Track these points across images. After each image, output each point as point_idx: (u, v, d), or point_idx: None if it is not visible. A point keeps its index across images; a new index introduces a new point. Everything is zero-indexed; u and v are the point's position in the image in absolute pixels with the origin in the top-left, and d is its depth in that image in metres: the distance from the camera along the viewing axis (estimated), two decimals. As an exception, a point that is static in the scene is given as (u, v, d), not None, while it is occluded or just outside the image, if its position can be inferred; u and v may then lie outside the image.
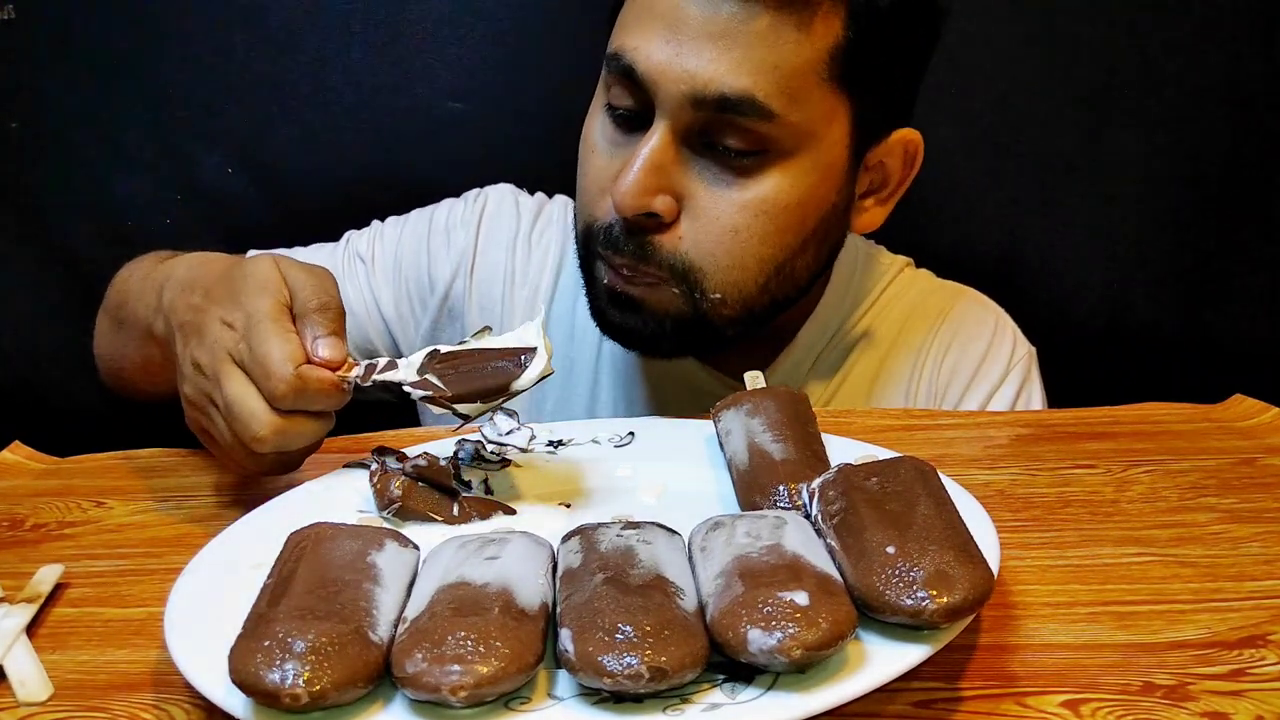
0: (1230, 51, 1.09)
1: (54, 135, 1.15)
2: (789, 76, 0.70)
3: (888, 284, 0.91)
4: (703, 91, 0.70)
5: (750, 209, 0.73)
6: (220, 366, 0.60)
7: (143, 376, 0.85)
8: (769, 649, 0.40)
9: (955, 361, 0.89)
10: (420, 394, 0.60)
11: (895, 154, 0.79)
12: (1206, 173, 1.12)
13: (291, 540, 0.49)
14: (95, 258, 1.16)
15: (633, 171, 0.72)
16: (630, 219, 0.73)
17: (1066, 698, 0.44)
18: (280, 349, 0.58)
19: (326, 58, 1.13)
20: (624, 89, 0.74)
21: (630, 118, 0.75)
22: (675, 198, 0.73)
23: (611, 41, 0.75)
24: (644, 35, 0.72)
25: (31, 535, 0.66)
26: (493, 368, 0.60)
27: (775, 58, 0.70)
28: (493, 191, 0.98)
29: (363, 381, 0.60)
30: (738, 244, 0.74)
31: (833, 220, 0.78)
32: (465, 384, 0.60)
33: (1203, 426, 0.73)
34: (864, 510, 0.47)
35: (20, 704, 0.48)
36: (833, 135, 0.74)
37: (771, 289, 0.77)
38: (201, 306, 0.63)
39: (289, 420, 0.59)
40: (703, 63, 0.70)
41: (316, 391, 0.59)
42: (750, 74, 0.70)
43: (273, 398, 0.58)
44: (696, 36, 0.70)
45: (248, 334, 0.59)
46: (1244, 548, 0.56)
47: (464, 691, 0.39)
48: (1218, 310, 1.14)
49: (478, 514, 0.61)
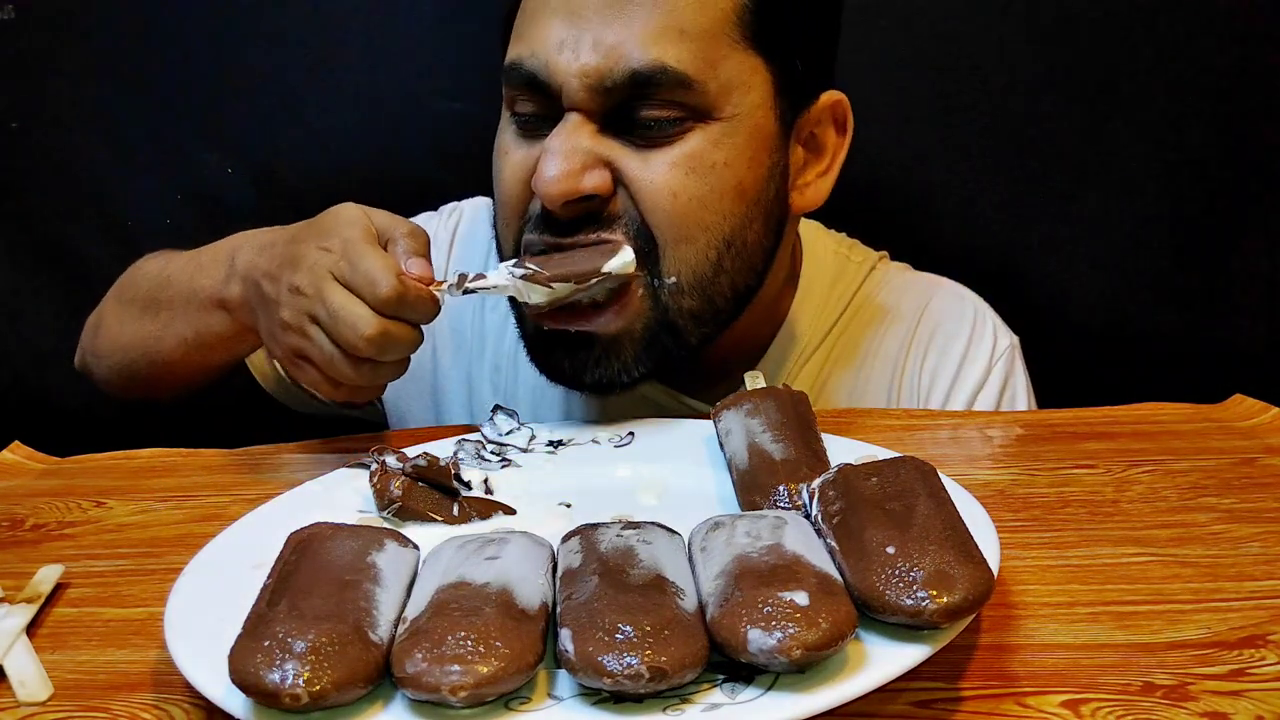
0: (1230, 51, 1.09)
1: (54, 135, 1.15)
2: (697, 39, 0.69)
3: (859, 286, 0.89)
4: (611, 73, 0.68)
5: (681, 166, 0.70)
6: (322, 283, 0.66)
7: (190, 354, 0.83)
8: (769, 649, 0.40)
9: (935, 364, 0.87)
10: (522, 272, 0.67)
11: (825, 120, 0.78)
12: (1206, 173, 1.11)
13: (291, 540, 0.49)
14: (95, 258, 1.16)
15: (550, 153, 0.68)
16: (562, 206, 0.69)
17: (1066, 698, 0.44)
18: (381, 261, 0.65)
19: (326, 57, 1.13)
20: (529, 98, 0.72)
21: (539, 120, 0.72)
22: (607, 170, 0.70)
23: (508, 53, 0.73)
24: (539, 36, 0.70)
25: (31, 535, 0.66)
26: (581, 255, 0.69)
27: (680, 23, 0.69)
28: (468, 205, 0.97)
29: (456, 290, 0.67)
30: (678, 208, 0.70)
31: (772, 193, 0.75)
32: (559, 267, 0.68)
33: (1203, 426, 0.73)
34: (864, 510, 0.47)
35: (20, 704, 0.48)
36: (754, 99, 0.72)
37: (727, 268, 0.73)
38: (290, 250, 0.69)
39: (391, 324, 0.65)
40: (608, 42, 0.68)
41: (416, 298, 0.65)
42: (657, 42, 0.68)
43: (378, 302, 0.64)
44: (597, 17, 0.68)
45: (346, 254, 0.66)
46: (1244, 548, 0.56)
47: (464, 691, 0.39)
48: (1217, 310, 1.14)
49: (478, 514, 0.62)
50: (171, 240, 1.14)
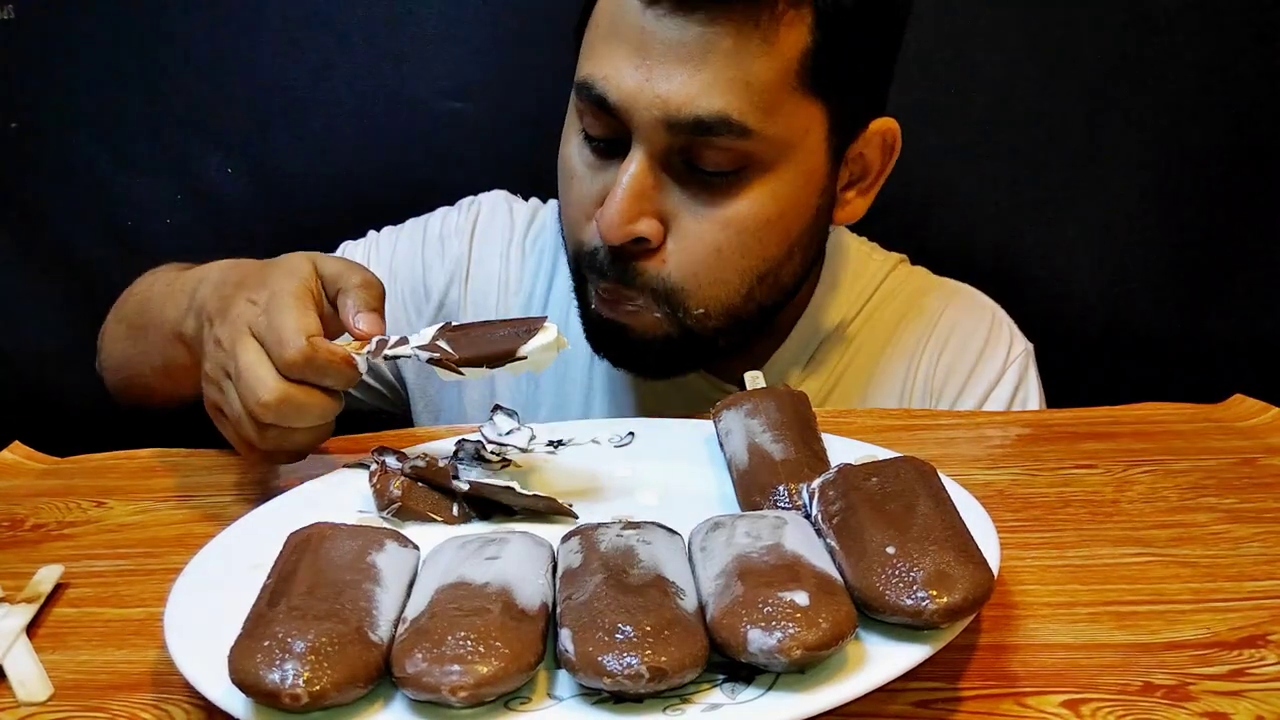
0: (1230, 51, 1.09)
1: (54, 135, 1.15)
2: (761, 91, 0.70)
3: (881, 281, 0.91)
4: (676, 115, 0.69)
5: (733, 226, 0.73)
6: (238, 337, 0.62)
7: (163, 382, 0.84)
8: (769, 649, 0.40)
9: (951, 360, 0.89)
10: (428, 355, 0.62)
11: (874, 145, 0.79)
12: (1206, 172, 1.11)
13: (291, 540, 0.49)
14: (95, 258, 1.16)
15: (616, 200, 0.72)
16: (617, 246, 0.73)
17: (1066, 698, 0.44)
18: (295, 319, 0.60)
19: (326, 57, 1.13)
20: (597, 118, 0.74)
21: (607, 145, 0.75)
22: (659, 220, 0.73)
23: (580, 68, 0.75)
24: (612, 62, 0.71)
25: (31, 535, 0.66)
26: (500, 335, 0.62)
27: (745, 74, 0.69)
28: (486, 199, 0.98)
29: (374, 356, 0.62)
30: (719, 262, 0.74)
31: (817, 226, 0.79)
32: (473, 349, 0.62)
33: (1203, 426, 0.73)
34: (864, 510, 0.47)
35: (20, 704, 0.48)
36: (810, 142, 0.74)
37: (757, 297, 0.77)
38: (231, 294, 0.65)
39: (296, 389, 0.60)
40: (673, 86, 0.69)
41: (326, 362, 0.60)
42: (722, 94, 0.69)
43: (282, 363, 0.59)
44: (665, 60, 0.69)
45: (268, 308, 0.61)
46: (1244, 548, 0.56)
47: (464, 691, 0.39)
48: (1217, 310, 1.14)
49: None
50: (171, 241, 1.14)
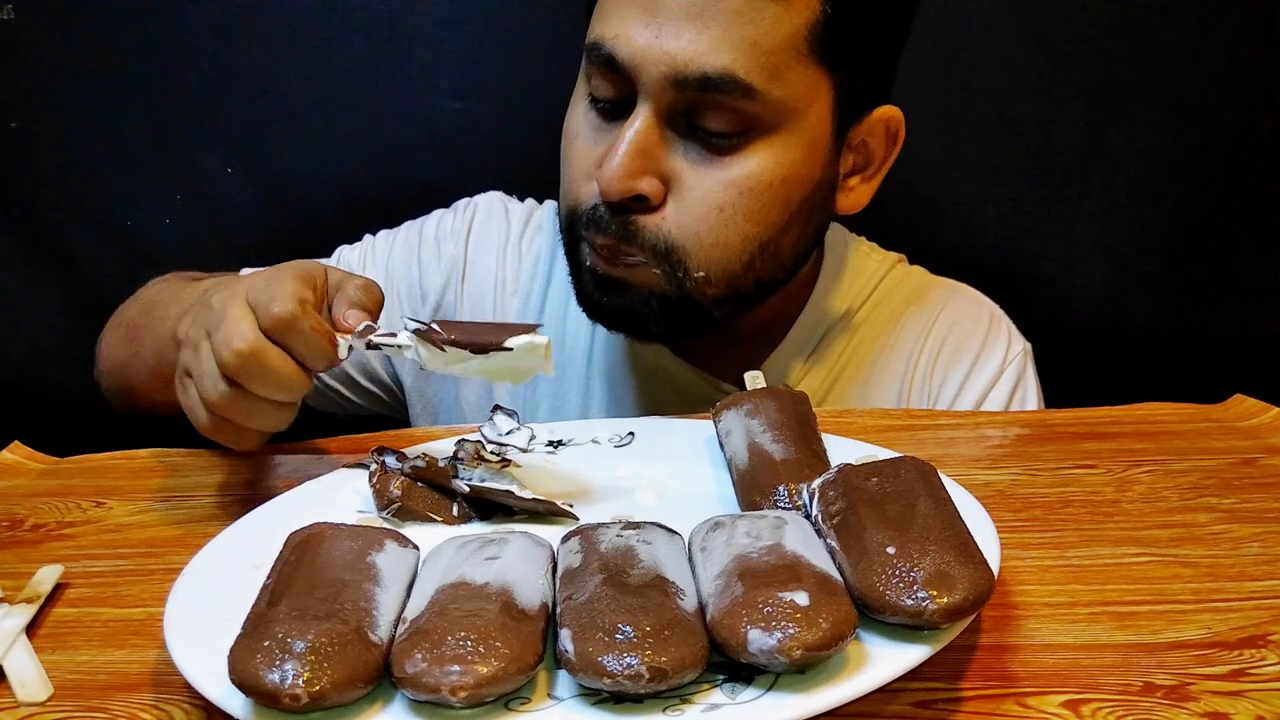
0: (1230, 51, 1.09)
1: (54, 135, 1.15)
2: (769, 53, 0.70)
3: (880, 280, 0.91)
4: (684, 71, 0.70)
5: (735, 186, 0.73)
6: (231, 298, 0.61)
7: (155, 387, 0.84)
8: (769, 649, 0.40)
9: (949, 360, 0.89)
10: (415, 325, 0.61)
11: (877, 132, 0.79)
12: (1206, 172, 1.12)
13: (291, 540, 0.49)
14: (95, 258, 1.16)
15: (618, 155, 0.72)
16: (616, 201, 0.73)
17: (1066, 698, 0.44)
18: (290, 288, 0.60)
19: (327, 57, 1.13)
20: (605, 79, 0.74)
21: (613, 107, 0.75)
22: (661, 179, 0.73)
23: (590, 31, 0.75)
24: (622, 21, 0.72)
25: (31, 535, 0.66)
26: (491, 328, 0.63)
27: (755, 34, 0.70)
28: (482, 200, 0.98)
29: (358, 339, 0.62)
30: (721, 221, 0.74)
31: (817, 198, 0.78)
32: (461, 333, 0.62)
33: (1203, 426, 0.73)
34: (864, 510, 0.47)
35: (20, 704, 0.48)
36: (815, 112, 0.74)
37: (756, 267, 0.77)
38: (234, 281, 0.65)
39: (271, 349, 0.59)
40: (682, 43, 0.70)
41: (309, 329, 0.59)
42: (730, 51, 0.70)
43: (267, 318, 0.59)
44: (675, 17, 0.70)
45: (269, 279, 0.61)
46: (1244, 548, 0.56)
47: (464, 691, 0.39)
48: (1218, 310, 1.14)
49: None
50: (171, 241, 1.14)
